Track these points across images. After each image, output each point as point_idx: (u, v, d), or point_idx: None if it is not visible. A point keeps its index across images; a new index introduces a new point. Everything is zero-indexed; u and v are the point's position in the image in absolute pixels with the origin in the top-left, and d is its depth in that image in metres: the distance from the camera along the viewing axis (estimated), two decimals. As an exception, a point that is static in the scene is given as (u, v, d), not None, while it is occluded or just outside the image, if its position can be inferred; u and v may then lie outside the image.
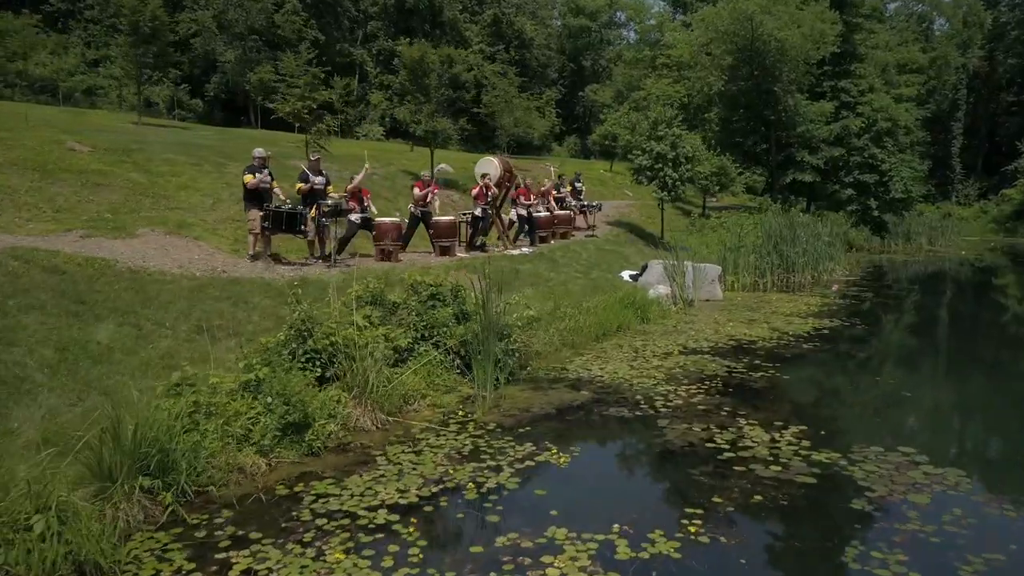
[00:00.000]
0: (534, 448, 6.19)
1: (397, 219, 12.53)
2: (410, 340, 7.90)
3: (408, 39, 49.82)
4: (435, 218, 13.43)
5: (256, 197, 10.76)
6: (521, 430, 6.70)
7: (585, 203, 19.81)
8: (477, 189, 14.30)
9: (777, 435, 6.51)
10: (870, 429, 7.04)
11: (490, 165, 14.88)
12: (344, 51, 46.51)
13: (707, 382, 8.44)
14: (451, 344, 8.06)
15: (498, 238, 15.69)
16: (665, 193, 19.76)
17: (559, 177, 19.74)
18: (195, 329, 7.58)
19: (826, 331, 11.92)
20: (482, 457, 5.98)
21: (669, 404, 7.52)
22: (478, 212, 14.37)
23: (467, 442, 6.34)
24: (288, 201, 11.19)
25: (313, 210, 11.17)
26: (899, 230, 34.19)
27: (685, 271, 14.63)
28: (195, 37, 31.69)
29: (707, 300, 15.30)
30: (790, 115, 28.88)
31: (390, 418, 6.83)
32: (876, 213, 31.49)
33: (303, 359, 6.71)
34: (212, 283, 8.73)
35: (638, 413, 7.24)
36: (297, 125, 14.93)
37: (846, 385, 8.67)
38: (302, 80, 14.28)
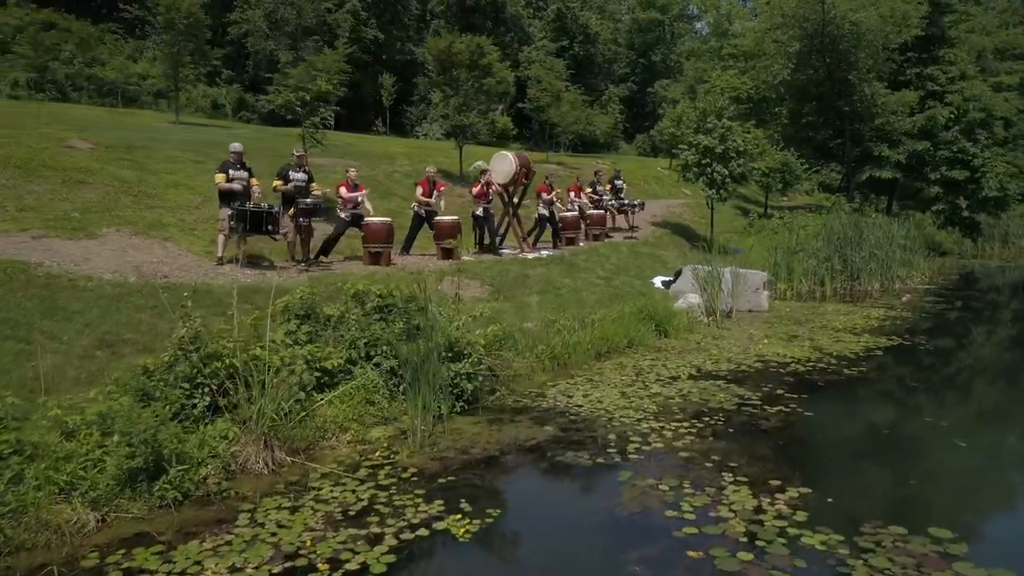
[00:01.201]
0: (442, 508, 4.88)
1: (389, 220, 11.42)
2: (343, 360, 6.73)
3: (470, 37, 49.27)
4: (436, 218, 12.26)
5: (229, 196, 9.89)
6: (443, 480, 5.40)
7: (625, 202, 18.22)
8: (478, 187, 13.05)
9: (767, 501, 4.97)
10: (897, 497, 5.37)
11: (504, 161, 13.60)
12: (406, 50, 46.14)
13: (706, 418, 6.90)
14: (391, 365, 6.83)
15: (524, 239, 14.44)
16: (713, 191, 17.95)
17: (595, 174, 18.25)
18: (97, 344, 6.64)
19: (880, 352, 10.05)
20: (369, 520, 4.72)
21: (645, 449, 6.06)
22: (479, 211, 13.10)
23: (366, 495, 5.09)
24: (263, 199, 10.25)
25: (292, 209, 10.20)
26: (995, 232, 30.78)
27: (721, 278, 12.92)
28: (247, 37, 31.64)
29: (750, 311, 13.54)
30: (867, 106, 26.33)
31: (291, 459, 5.67)
32: (966, 213, 28.42)
33: (186, 385, 5.63)
34: (142, 290, 7.82)
35: (600, 461, 5.82)
36: (290, 117, 14.06)
37: (882, 428, 6.94)
38: (295, 71, 13.41)
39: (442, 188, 12.77)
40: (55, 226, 9.66)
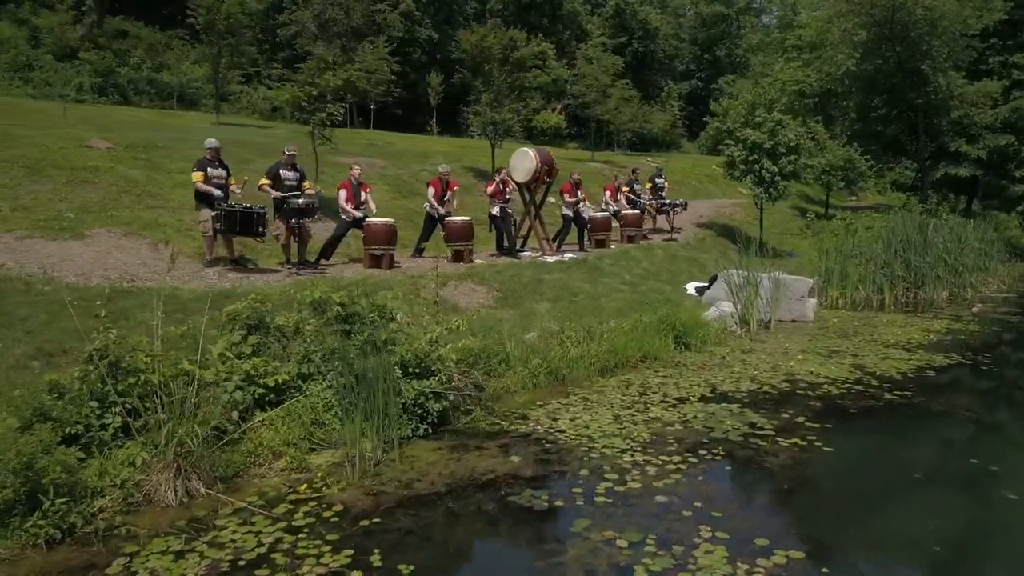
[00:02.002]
0: (349, 561, 4.13)
1: (391, 221, 10.77)
2: (292, 376, 6.07)
3: (527, 35, 48.54)
4: (447, 219, 11.55)
5: (208, 195, 9.41)
6: (366, 522, 4.65)
7: (666, 201, 17.11)
8: (492, 185, 12.26)
9: (743, 568, 4.02)
10: (916, 569, 4.32)
11: (525, 158, 12.77)
12: (461, 49, 45.77)
13: (703, 451, 5.93)
14: (347, 383, 6.12)
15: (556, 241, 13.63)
16: (761, 190, 16.65)
17: (633, 172, 17.21)
18: (35, 353, 6.18)
19: (932, 372, 8.78)
20: (258, 573, 4.01)
21: (617, 490, 5.15)
22: (495, 211, 12.31)
23: (269, 539, 4.39)
24: (241, 197, 9.72)
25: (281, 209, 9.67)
26: (1090, 235, 27.98)
27: (759, 284, 11.76)
28: (296, 39, 31.77)
29: (792, 321, 12.33)
30: (943, 98, 24.28)
31: (207, 490, 5.02)
32: (1057, 214, 25.93)
33: (95, 404, 5.06)
34: (102, 295, 7.37)
35: (560, 503, 4.95)
36: (298, 115, 13.60)
37: (914, 470, 5.80)
38: (305, 65, 12.94)
39: (455, 188, 12.06)
40: (44, 226, 9.40)
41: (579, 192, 13.77)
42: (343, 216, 10.86)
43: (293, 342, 6.45)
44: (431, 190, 11.85)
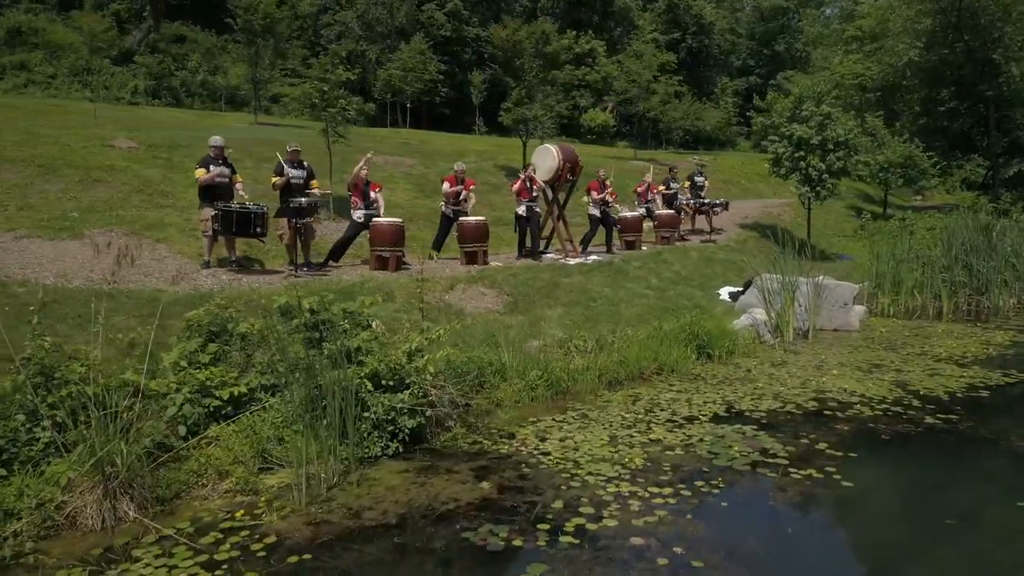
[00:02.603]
0: (257, 608, 3.64)
1: (398, 221, 10.31)
2: (255, 387, 5.63)
3: (576, 32, 47.81)
4: (461, 219, 11.04)
5: (211, 194, 9.14)
6: (294, 559, 4.14)
7: (705, 201, 16.21)
8: (518, 183, 11.68)
9: (713, 639, 3.35)
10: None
11: (547, 155, 12.16)
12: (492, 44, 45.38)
13: (699, 482, 5.23)
14: (307, 396, 5.64)
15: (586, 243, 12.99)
16: (808, 188, 15.60)
17: (670, 170, 16.37)
18: (-8, 358, 5.91)
19: (985, 392, 7.80)
20: (151, 619, 3.55)
21: (589, 528, 4.51)
22: (521, 211, 11.73)
23: (180, 575, 3.94)
24: (247, 198, 9.43)
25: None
26: None
27: (795, 290, 10.86)
28: (340, 40, 31.89)
29: (835, 330, 11.37)
30: (1017, 89, 22.57)
31: (138, 513, 4.60)
32: None
33: (21, 417, 4.70)
34: (75, 297, 7.11)
35: (518, 543, 4.34)
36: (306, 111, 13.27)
37: (948, 513, 4.96)
38: (320, 61, 12.58)
39: (472, 186, 11.53)
40: (45, 226, 9.29)
41: (607, 190, 13.05)
42: (354, 216, 10.46)
43: (259, 351, 6.01)
44: (445, 186, 11.36)
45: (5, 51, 32.66)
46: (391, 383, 5.94)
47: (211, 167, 9.21)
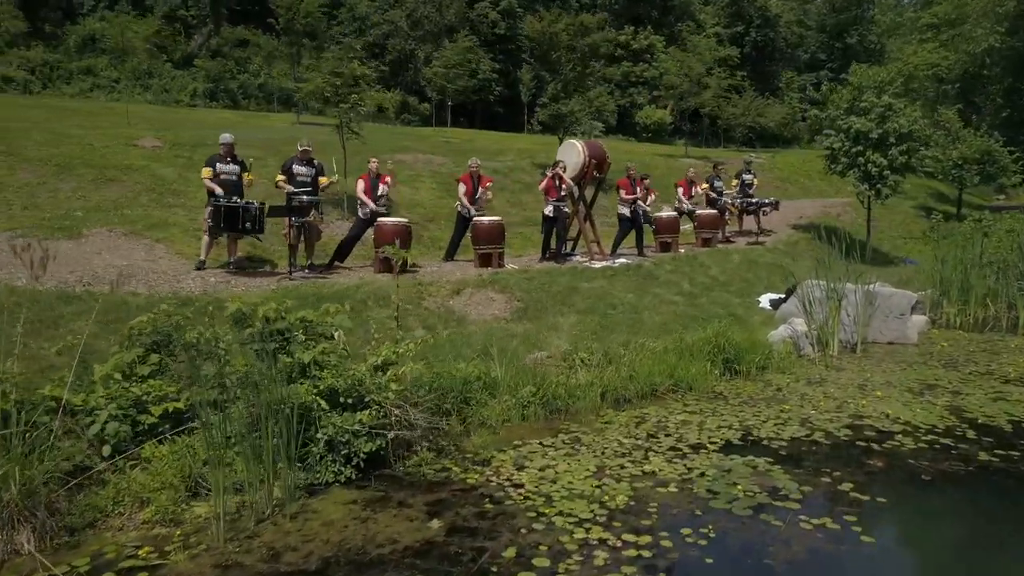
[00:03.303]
0: None
1: (405, 220, 9.74)
2: (188, 403, 5.12)
3: (634, 28, 46.50)
4: (475, 219, 10.41)
5: (211, 192, 8.81)
6: (183, 613, 3.58)
7: (753, 200, 15.11)
8: (546, 181, 10.97)
9: None
10: None
11: (572, 151, 11.39)
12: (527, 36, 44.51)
13: (686, 529, 4.42)
14: (253, 414, 5.08)
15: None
16: (867, 186, 14.32)
17: (715, 167, 15.34)
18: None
19: (1058, 423, 6.66)
20: None
21: (536, 586, 3.80)
22: (548, 211, 11.01)
23: (46, 631, 3.41)
24: (251, 196, 9.04)
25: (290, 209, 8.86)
26: None
27: (843, 298, 9.79)
28: (388, 39, 31.73)
29: (890, 343, 10.24)
30: (1114, 76, 20.41)
31: (34, 548, 4.12)
32: None
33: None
34: (40, 299, 6.78)
35: (447, 602, 3.67)
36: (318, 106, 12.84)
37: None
38: (333, 54, 12.12)
39: (488, 184, 10.88)
40: (46, 225, 9.12)
41: (638, 189, 12.18)
42: (360, 213, 9.97)
43: (209, 363, 5.50)
44: (461, 187, 10.75)
45: (75, 57, 33.89)
46: (350, 401, 5.35)
47: (218, 165, 8.87)
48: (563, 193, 11.04)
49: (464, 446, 5.87)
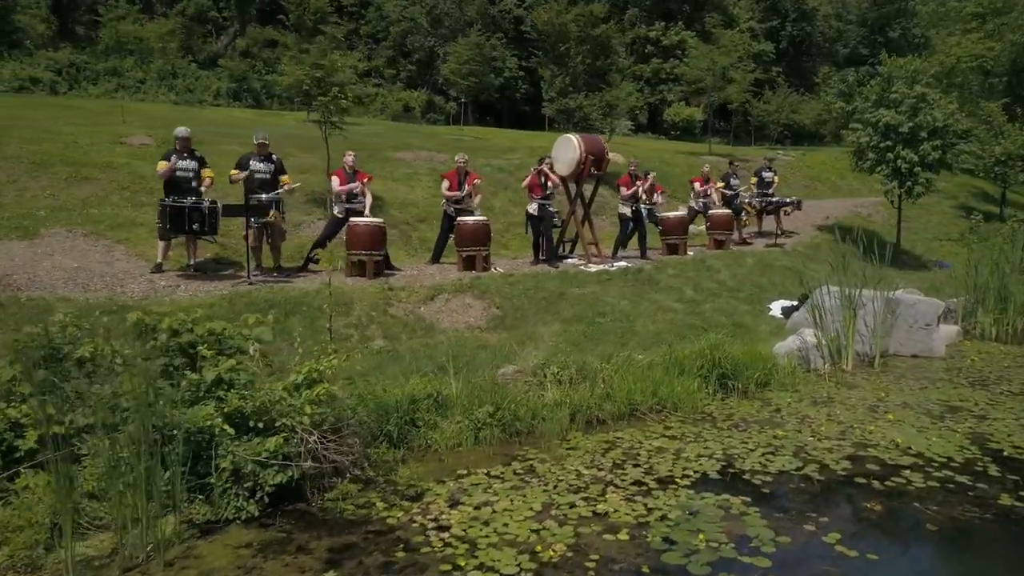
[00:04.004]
0: None
1: (379, 221, 9.09)
2: (79, 427, 4.52)
3: (665, 24, 45.35)
4: (459, 219, 9.73)
5: (174, 189, 8.28)
6: None
7: (773, 199, 14.15)
8: (530, 177, 10.27)
9: None
10: None
11: (567, 146, 10.63)
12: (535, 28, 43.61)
13: (624, 594, 3.68)
14: (144, 439, 4.46)
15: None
16: (896, 183, 13.27)
17: (730, 164, 14.42)
18: None
19: (1101, 458, 5.70)
20: None
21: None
22: (532, 209, 10.28)
23: None
24: (207, 193, 8.49)
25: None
26: None
27: (860, 306, 8.87)
28: (408, 36, 31.24)
29: (914, 356, 9.29)
30: None
31: None
32: None
33: None
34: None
35: None
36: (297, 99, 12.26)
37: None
38: (315, 45, 11.52)
39: (476, 181, 10.18)
40: (4, 225, 8.70)
41: (639, 185, 11.35)
42: (335, 212, 9.36)
43: (106, 380, 4.90)
44: (445, 183, 10.07)
45: (102, 58, 34.11)
46: (260, 425, 4.71)
47: (174, 159, 8.35)
48: (549, 191, 10.30)
49: (400, 476, 5.18)
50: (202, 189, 8.39)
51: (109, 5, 35.08)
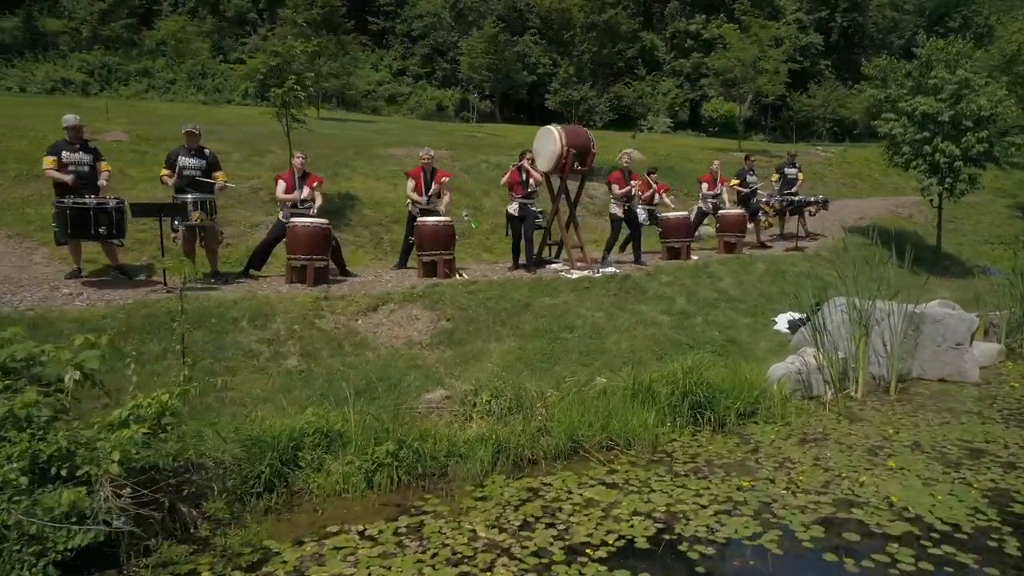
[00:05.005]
0: None
1: (323, 222, 8.19)
2: None
3: (706, 16, 43.72)
4: (418, 220, 8.78)
5: (64, 188, 7.49)
6: None
7: (796, 198, 12.78)
8: (509, 174, 9.26)
9: None
10: None
11: (548, 139, 9.57)
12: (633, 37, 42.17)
13: None
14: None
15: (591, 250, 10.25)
16: (935, 180, 11.80)
17: (747, 159, 13.12)
18: None
19: None
20: None
21: None
22: (512, 209, 9.26)
23: None
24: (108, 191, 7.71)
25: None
26: None
27: (877, 321, 7.59)
28: (431, 32, 30.45)
29: (942, 380, 7.97)
30: None
31: None
32: None
33: None
34: None
35: None
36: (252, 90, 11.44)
37: None
38: (273, 34, 10.61)
39: (444, 179, 9.20)
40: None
41: (632, 183, 10.20)
42: (280, 216, 8.52)
43: None
44: (410, 183, 9.12)
45: (135, 60, 34.32)
46: (63, 473, 3.83)
47: (64, 153, 7.53)
48: (530, 189, 9.25)
49: (249, 535, 4.23)
50: (102, 183, 7.60)
51: (162, 8, 35.44)
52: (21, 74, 31.63)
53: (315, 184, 8.54)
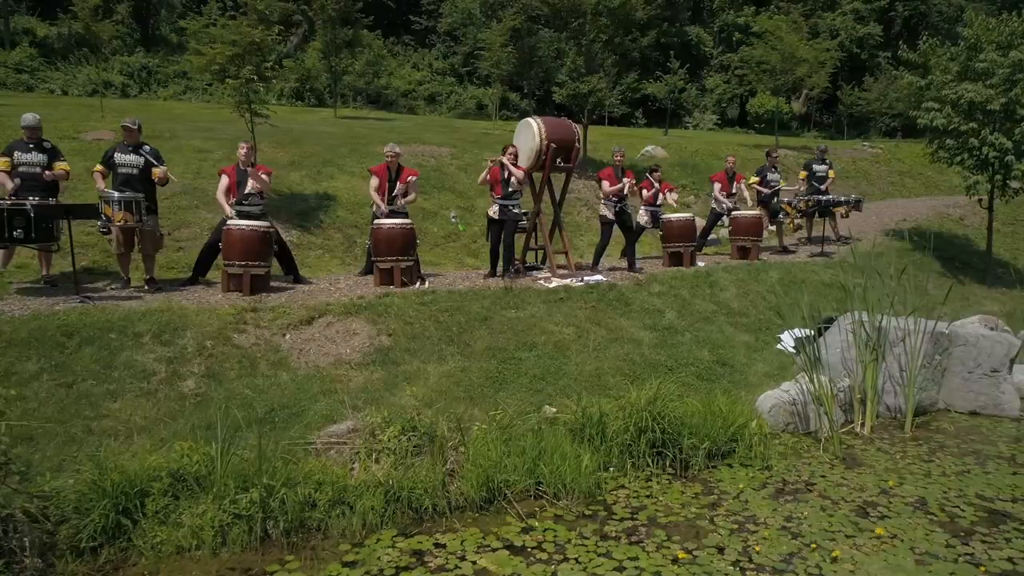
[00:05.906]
0: None
1: (263, 224, 7.43)
2: None
3: (756, 9, 41.86)
4: (374, 222, 7.96)
5: (21, 187, 7.00)
6: None
7: (825, 197, 11.48)
8: (487, 172, 8.35)
9: None
10: None
11: (527, 132, 8.62)
12: (680, 32, 40.60)
13: None
14: None
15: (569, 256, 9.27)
16: (984, 177, 10.38)
17: (768, 155, 11.89)
18: None
19: None
20: None
21: None
22: (492, 211, 8.34)
23: None
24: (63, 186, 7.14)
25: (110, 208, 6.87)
26: None
27: (887, 344, 6.43)
28: (460, 28, 29.68)
29: (974, 413, 6.75)
30: None
31: None
32: None
33: None
34: None
35: None
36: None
37: None
38: (233, 22, 9.91)
39: (411, 178, 8.34)
40: None
41: (625, 181, 9.15)
42: (227, 215, 7.81)
43: None
44: (374, 181, 8.29)
45: (173, 62, 34.70)
46: None
47: (16, 154, 7.07)
48: (512, 189, 8.31)
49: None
50: (46, 175, 7.05)
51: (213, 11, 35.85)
52: (64, 77, 32.35)
53: (261, 173, 7.78)
